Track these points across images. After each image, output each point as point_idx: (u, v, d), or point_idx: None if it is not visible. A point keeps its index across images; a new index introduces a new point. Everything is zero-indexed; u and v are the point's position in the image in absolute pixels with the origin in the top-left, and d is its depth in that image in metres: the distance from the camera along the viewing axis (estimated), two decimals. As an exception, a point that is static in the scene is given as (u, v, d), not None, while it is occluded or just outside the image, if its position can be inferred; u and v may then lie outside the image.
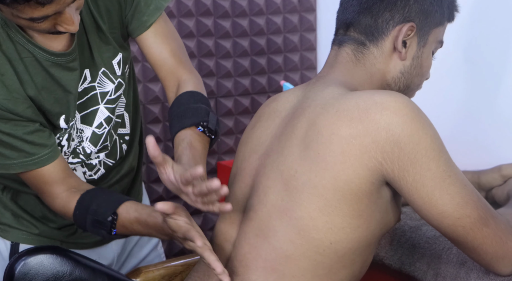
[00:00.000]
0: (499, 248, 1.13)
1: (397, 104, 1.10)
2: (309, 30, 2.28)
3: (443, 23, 1.28)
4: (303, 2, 2.25)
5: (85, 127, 1.41)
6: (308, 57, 2.30)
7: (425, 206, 1.11)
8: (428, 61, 1.27)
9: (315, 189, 1.12)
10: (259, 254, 1.16)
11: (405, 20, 1.23)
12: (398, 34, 1.23)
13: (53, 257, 1.31)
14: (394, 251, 1.44)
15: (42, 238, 1.49)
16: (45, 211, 1.48)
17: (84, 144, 1.42)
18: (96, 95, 1.39)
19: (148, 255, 1.66)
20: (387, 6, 1.23)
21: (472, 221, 1.11)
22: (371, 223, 1.14)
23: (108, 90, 1.41)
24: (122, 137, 1.49)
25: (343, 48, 1.26)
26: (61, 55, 1.30)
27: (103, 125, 1.42)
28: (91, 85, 1.38)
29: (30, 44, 1.27)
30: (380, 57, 1.24)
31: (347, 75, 1.24)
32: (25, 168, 1.30)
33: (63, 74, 1.32)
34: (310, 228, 1.13)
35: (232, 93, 2.24)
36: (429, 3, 1.24)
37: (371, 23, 1.24)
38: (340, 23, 1.29)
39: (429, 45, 1.27)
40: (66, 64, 1.32)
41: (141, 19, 1.39)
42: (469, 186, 1.13)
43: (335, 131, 1.12)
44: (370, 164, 1.10)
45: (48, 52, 1.29)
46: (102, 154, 1.45)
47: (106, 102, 1.41)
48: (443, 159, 1.10)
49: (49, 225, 1.49)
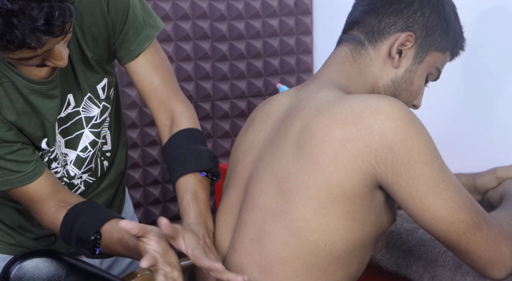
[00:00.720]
0: (493, 253, 1.13)
1: (391, 109, 1.10)
2: (305, 33, 2.28)
3: (445, 51, 1.28)
4: (299, 5, 2.25)
5: (70, 152, 1.38)
6: (305, 60, 2.30)
7: (418, 211, 1.11)
8: (421, 81, 1.28)
9: (308, 191, 1.12)
10: (253, 259, 1.16)
11: (407, 29, 1.24)
12: (396, 41, 1.24)
13: (48, 261, 1.31)
14: (391, 254, 1.44)
15: (18, 248, 1.46)
16: (22, 221, 1.45)
17: (68, 167, 1.40)
18: (81, 120, 1.37)
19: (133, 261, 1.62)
20: (393, 11, 1.24)
21: (465, 225, 1.11)
22: (365, 224, 1.14)
23: (93, 115, 1.38)
24: (104, 154, 1.47)
25: (342, 46, 1.27)
26: (41, 83, 1.27)
27: (88, 149, 1.40)
28: (75, 110, 1.35)
29: (10, 71, 1.24)
30: (376, 60, 1.25)
31: (342, 76, 1.25)
32: (11, 186, 1.28)
33: (43, 102, 1.29)
34: (305, 230, 1.13)
35: (229, 96, 2.24)
36: (435, 22, 1.25)
37: (374, 24, 1.24)
38: (347, 23, 1.30)
39: (425, 66, 1.27)
40: (46, 92, 1.29)
41: (129, 48, 1.36)
42: (463, 190, 1.12)
43: (328, 134, 1.12)
44: (363, 167, 1.10)
45: (27, 79, 1.26)
46: (86, 174, 1.43)
47: (91, 127, 1.39)
48: (436, 164, 1.10)
49: (26, 235, 1.47)
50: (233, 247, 1.21)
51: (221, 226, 1.24)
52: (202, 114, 2.22)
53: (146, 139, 2.19)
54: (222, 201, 1.27)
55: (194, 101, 2.21)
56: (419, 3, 1.24)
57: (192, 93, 2.20)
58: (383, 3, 1.24)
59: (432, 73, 1.29)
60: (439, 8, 1.26)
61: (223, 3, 2.18)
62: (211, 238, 1.23)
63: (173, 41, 2.15)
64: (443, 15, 1.26)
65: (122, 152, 1.51)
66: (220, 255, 1.23)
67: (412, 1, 1.24)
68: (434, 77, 1.31)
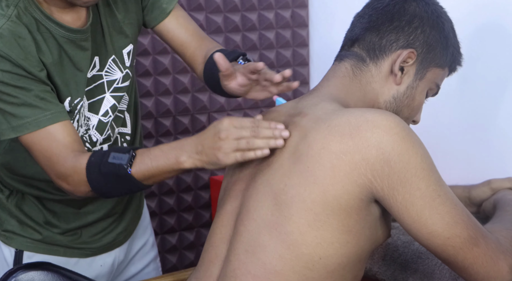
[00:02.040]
0: (490, 268, 1.13)
1: (388, 123, 1.10)
2: (301, 46, 2.29)
3: (444, 67, 1.30)
4: (295, 17, 2.26)
5: (92, 115, 1.44)
6: (301, 72, 2.31)
7: (414, 225, 1.11)
8: (422, 97, 1.29)
9: (304, 203, 1.12)
10: (247, 270, 1.16)
11: (408, 46, 1.25)
12: (398, 58, 1.24)
13: (44, 274, 1.31)
14: (387, 266, 1.44)
15: (45, 244, 1.51)
16: (48, 216, 1.50)
17: (90, 132, 1.44)
18: (102, 84, 1.43)
19: (147, 266, 1.68)
20: (394, 29, 1.25)
21: (462, 240, 1.11)
22: (360, 238, 1.14)
23: (115, 78, 1.44)
24: (124, 136, 1.51)
25: (343, 62, 1.28)
26: (76, 31, 1.35)
27: (108, 113, 1.45)
28: (99, 73, 1.42)
29: (48, 20, 1.32)
30: (377, 76, 1.26)
31: (341, 90, 1.25)
32: (39, 125, 1.30)
33: (76, 52, 1.36)
34: (300, 243, 1.13)
35: (225, 108, 2.25)
36: (435, 39, 1.26)
37: (375, 41, 1.25)
38: (347, 40, 1.31)
39: (426, 82, 1.28)
40: (79, 42, 1.36)
41: (161, 7, 1.48)
42: (459, 205, 1.13)
43: (325, 146, 1.12)
44: (360, 181, 1.10)
45: (64, 27, 1.34)
46: (106, 145, 1.47)
47: (113, 91, 1.44)
48: (433, 178, 1.10)
49: (53, 230, 1.51)
50: (228, 259, 1.20)
51: (217, 238, 1.24)
52: (198, 126, 2.23)
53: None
54: (218, 213, 1.27)
55: (191, 113, 2.21)
56: (420, 21, 1.25)
57: (188, 106, 2.20)
58: (384, 21, 1.25)
59: (432, 88, 1.30)
60: (439, 25, 1.27)
61: (219, 16, 2.19)
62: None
63: (170, 53, 2.15)
64: (443, 32, 1.27)
65: (139, 141, 1.57)
66: (215, 266, 1.23)
67: (413, 19, 1.25)
68: (433, 93, 1.32)
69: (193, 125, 2.22)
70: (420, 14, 1.25)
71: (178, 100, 2.19)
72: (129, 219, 1.61)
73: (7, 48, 1.27)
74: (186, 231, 2.27)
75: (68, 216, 1.53)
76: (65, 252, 1.54)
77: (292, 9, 2.25)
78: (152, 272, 1.69)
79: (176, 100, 2.18)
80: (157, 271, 1.71)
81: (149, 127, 2.17)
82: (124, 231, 1.61)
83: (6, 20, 1.29)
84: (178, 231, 2.26)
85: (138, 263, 1.67)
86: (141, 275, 1.67)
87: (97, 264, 1.59)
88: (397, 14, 1.25)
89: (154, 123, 2.17)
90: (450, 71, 1.32)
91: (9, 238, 1.51)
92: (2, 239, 1.52)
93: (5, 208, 1.52)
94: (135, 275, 1.67)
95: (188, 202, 2.26)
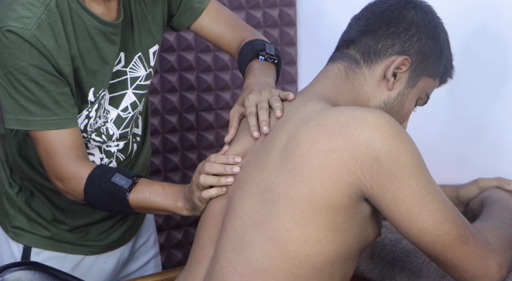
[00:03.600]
0: (479, 266, 1.13)
1: (378, 121, 1.10)
2: (289, 44, 2.29)
3: (435, 78, 1.31)
4: (283, 16, 2.26)
5: (112, 109, 1.46)
6: (289, 71, 2.31)
7: (404, 223, 1.12)
8: (411, 104, 1.29)
9: (290, 200, 1.12)
10: (235, 269, 1.16)
11: (403, 52, 1.25)
12: (392, 63, 1.25)
13: (31, 273, 1.30)
14: (375, 265, 1.45)
15: (53, 241, 1.54)
16: (57, 214, 1.53)
17: (108, 125, 1.46)
18: (126, 80, 1.45)
19: (147, 263, 1.70)
20: (391, 34, 1.25)
21: (452, 238, 1.11)
22: (348, 236, 1.14)
23: (139, 75, 1.46)
24: (135, 136, 1.54)
25: (336, 64, 1.28)
26: (108, 24, 1.37)
27: (128, 110, 1.47)
28: (123, 69, 1.44)
29: (83, 10, 1.35)
30: (370, 80, 1.26)
31: (332, 91, 1.26)
32: (45, 127, 1.33)
33: (105, 44, 1.38)
34: (286, 239, 1.13)
35: (213, 107, 2.24)
36: (430, 49, 1.27)
37: (371, 44, 1.26)
38: (342, 41, 1.31)
39: (417, 90, 1.29)
40: (110, 36, 1.38)
41: (194, 7, 1.52)
42: (449, 203, 1.13)
43: (314, 145, 1.12)
44: (349, 179, 1.10)
45: (98, 19, 1.36)
46: (122, 142, 1.49)
47: (135, 88, 1.47)
48: (422, 176, 1.11)
49: (60, 227, 1.54)
50: (216, 257, 1.20)
51: (205, 239, 1.24)
52: (186, 125, 2.22)
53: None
54: (205, 214, 1.27)
55: (178, 112, 2.20)
56: (416, 28, 1.26)
57: (176, 105, 2.20)
58: (381, 25, 1.26)
59: (421, 98, 1.31)
60: (435, 35, 1.27)
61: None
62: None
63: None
64: (438, 42, 1.28)
65: (148, 142, 1.60)
66: (203, 266, 1.23)
67: (410, 26, 1.26)
68: (422, 102, 1.33)
69: (181, 124, 2.22)
70: (418, 22, 1.26)
71: (166, 99, 2.18)
72: (134, 217, 1.63)
73: (44, 39, 1.28)
74: (174, 230, 2.26)
75: (76, 213, 1.55)
76: (72, 249, 1.56)
77: (280, 8, 2.25)
78: (152, 269, 1.71)
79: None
80: (157, 268, 1.74)
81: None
82: (129, 229, 1.63)
83: (44, 9, 1.30)
84: (166, 230, 2.25)
85: (140, 259, 1.69)
86: (141, 271, 1.69)
87: (101, 260, 1.60)
88: (395, 19, 1.26)
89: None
90: (440, 83, 1.33)
91: (18, 234, 1.53)
92: (11, 235, 1.54)
93: (14, 205, 1.53)
94: (136, 271, 1.69)
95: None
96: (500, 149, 1.61)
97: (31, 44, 1.28)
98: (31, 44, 1.27)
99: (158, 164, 2.18)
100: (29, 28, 1.27)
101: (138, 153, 1.57)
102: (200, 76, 2.19)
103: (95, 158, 1.48)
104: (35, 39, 1.27)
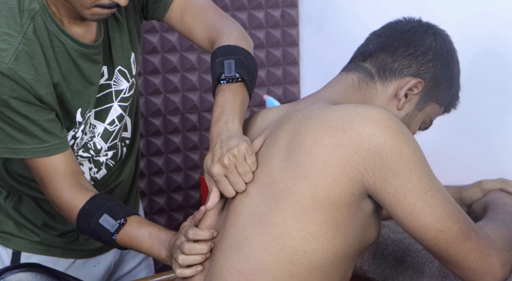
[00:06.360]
0: (482, 263, 1.13)
1: (381, 117, 1.11)
2: (291, 45, 2.29)
3: (442, 105, 1.33)
4: (285, 17, 2.26)
5: (98, 123, 1.44)
6: (291, 71, 2.31)
7: (407, 218, 1.12)
8: (415, 127, 1.31)
9: (292, 196, 1.13)
10: (233, 266, 1.16)
11: (418, 75, 1.27)
12: (406, 84, 1.26)
13: (32, 275, 1.30)
14: (378, 265, 1.44)
15: (43, 246, 1.52)
16: (46, 219, 1.51)
17: (95, 140, 1.45)
18: (111, 93, 1.43)
19: (139, 265, 1.69)
20: (409, 55, 1.27)
21: (454, 234, 1.11)
22: (348, 235, 1.14)
23: (122, 88, 1.44)
24: (124, 140, 1.52)
25: (350, 74, 1.29)
26: (89, 47, 1.35)
27: (115, 123, 1.46)
28: (107, 82, 1.42)
29: (62, 34, 1.32)
30: (382, 96, 1.27)
31: (342, 97, 1.27)
32: (35, 155, 1.32)
33: (88, 66, 1.36)
34: (284, 235, 1.13)
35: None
36: (443, 76, 1.29)
37: (388, 62, 1.27)
38: (358, 53, 1.32)
39: (423, 114, 1.31)
40: (92, 57, 1.36)
41: (161, 4, 1.44)
42: (451, 199, 1.13)
43: (318, 141, 1.12)
44: (352, 175, 1.11)
45: (78, 42, 1.34)
46: (111, 152, 1.48)
47: (120, 100, 1.45)
48: (424, 171, 1.11)
49: (50, 232, 1.52)
50: (215, 256, 1.20)
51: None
52: (189, 126, 2.22)
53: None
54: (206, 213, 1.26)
55: (181, 113, 2.20)
56: (434, 54, 1.28)
57: (179, 105, 2.20)
58: (400, 45, 1.28)
59: (425, 122, 1.33)
60: (450, 64, 1.30)
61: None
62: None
63: (160, 53, 2.15)
64: (451, 72, 1.30)
65: (138, 142, 1.58)
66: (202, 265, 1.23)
67: (428, 51, 1.27)
68: (425, 126, 1.35)
69: (184, 125, 2.22)
70: (436, 48, 1.28)
71: (168, 100, 2.18)
72: None
73: (22, 71, 1.26)
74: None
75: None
76: (62, 253, 1.55)
77: (282, 9, 2.25)
78: (144, 270, 1.70)
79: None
80: (149, 269, 1.72)
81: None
82: None
83: (22, 38, 1.27)
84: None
85: (131, 261, 1.67)
86: (133, 273, 1.68)
87: (92, 263, 1.59)
88: (414, 42, 1.28)
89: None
90: (444, 111, 1.35)
91: (6, 239, 1.52)
92: None
93: (2, 210, 1.52)
94: (128, 274, 1.68)
95: (178, 201, 2.26)
96: (502, 149, 1.61)
97: (9, 78, 1.25)
98: (9, 78, 1.25)
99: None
100: (6, 62, 1.24)
101: (128, 154, 1.55)
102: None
103: (84, 168, 1.47)
104: (13, 73, 1.25)
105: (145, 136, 2.18)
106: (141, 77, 2.13)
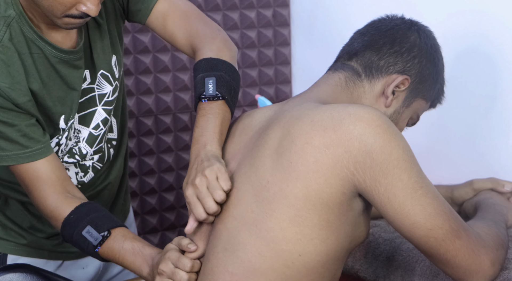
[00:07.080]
0: (472, 261, 1.13)
1: (371, 116, 1.11)
2: (283, 44, 2.29)
3: (428, 101, 1.34)
4: (277, 16, 2.26)
5: (82, 128, 1.42)
6: (283, 71, 2.31)
7: (397, 217, 1.12)
8: (403, 124, 1.32)
9: (286, 199, 1.12)
10: (226, 268, 1.16)
11: (404, 72, 1.28)
12: (392, 81, 1.27)
13: (22, 276, 1.30)
14: (369, 264, 1.44)
15: (30, 248, 1.50)
16: (33, 221, 1.49)
17: (80, 144, 1.43)
18: (94, 97, 1.41)
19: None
20: (394, 53, 1.28)
21: (444, 232, 1.11)
22: (340, 234, 1.14)
23: (106, 92, 1.43)
24: (110, 142, 1.50)
25: (337, 73, 1.30)
26: (69, 52, 1.33)
27: (99, 127, 1.44)
28: (90, 86, 1.40)
29: (40, 40, 1.30)
30: (369, 94, 1.28)
31: (330, 96, 1.27)
32: (17, 161, 1.30)
33: (69, 71, 1.34)
34: (280, 239, 1.13)
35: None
36: (428, 71, 1.30)
37: (374, 60, 1.28)
38: (343, 52, 1.33)
39: (410, 110, 1.32)
40: (72, 62, 1.34)
41: (142, 6, 1.41)
42: (441, 197, 1.13)
43: (308, 140, 1.12)
44: (342, 174, 1.11)
45: (57, 48, 1.31)
46: (97, 156, 1.46)
47: (104, 104, 1.43)
48: (414, 170, 1.11)
49: (37, 235, 1.50)
50: (207, 257, 1.20)
51: (196, 237, 1.24)
52: (180, 125, 2.22)
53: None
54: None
55: (173, 112, 2.20)
56: (419, 51, 1.29)
57: (170, 105, 2.19)
58: (385, 42, 1.29)
59: (413, 118, 1.34)
60: (435, 60, 1.31)
61: (201, 15, 2.18)
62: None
63: (151, 52, 2.15)
64: (436, 67, 1.31)
65: (126, 142, 1.56)
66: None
67: (413, 47, 1.29)
68: (413, 122, 1.36)
69: (176, 125, 2.22)
70: (420, 45, 1.29)
71: (160, 99, 2.18)
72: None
73: None
74: (169, 230, 2.26)
75: None
76: (50, 255, 1.53)
77: (273, 8, 2.25)
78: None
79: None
80: None
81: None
82: None
83: None
84: (161, 230, 2.25)
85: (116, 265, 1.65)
86: (123, 275, 1.66)
87: (80, 266, 1.58)
88: (399, 39, 1.29)
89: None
90: (430, 106, 1.37)
91: None
92: None
93: None
94: (117, 275, 1.66)
95: (170, 201, 2.26)
96: (492, 149, 1.61)
97: None
98: None
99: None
100: None
101: (116, 155, 1.54)
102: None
103: (70, 173, 1.45)
104: None
105: (136, 136, 2.18)
106: (132, 76, 2.13)
